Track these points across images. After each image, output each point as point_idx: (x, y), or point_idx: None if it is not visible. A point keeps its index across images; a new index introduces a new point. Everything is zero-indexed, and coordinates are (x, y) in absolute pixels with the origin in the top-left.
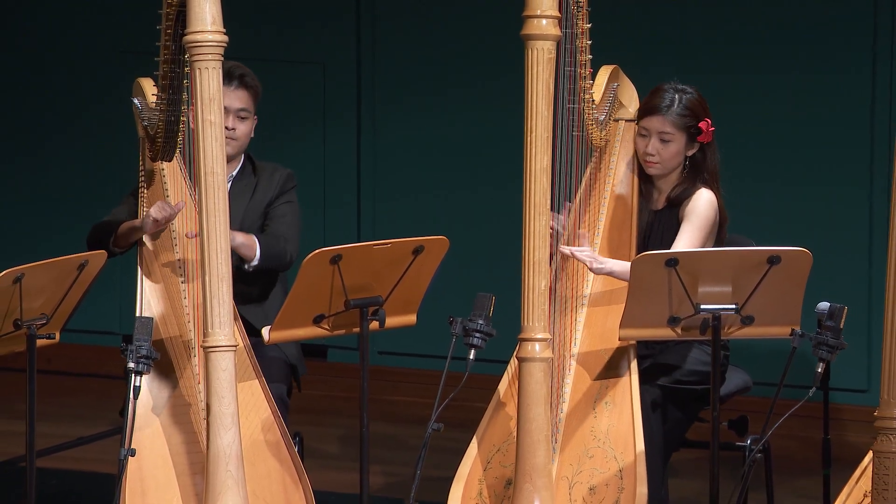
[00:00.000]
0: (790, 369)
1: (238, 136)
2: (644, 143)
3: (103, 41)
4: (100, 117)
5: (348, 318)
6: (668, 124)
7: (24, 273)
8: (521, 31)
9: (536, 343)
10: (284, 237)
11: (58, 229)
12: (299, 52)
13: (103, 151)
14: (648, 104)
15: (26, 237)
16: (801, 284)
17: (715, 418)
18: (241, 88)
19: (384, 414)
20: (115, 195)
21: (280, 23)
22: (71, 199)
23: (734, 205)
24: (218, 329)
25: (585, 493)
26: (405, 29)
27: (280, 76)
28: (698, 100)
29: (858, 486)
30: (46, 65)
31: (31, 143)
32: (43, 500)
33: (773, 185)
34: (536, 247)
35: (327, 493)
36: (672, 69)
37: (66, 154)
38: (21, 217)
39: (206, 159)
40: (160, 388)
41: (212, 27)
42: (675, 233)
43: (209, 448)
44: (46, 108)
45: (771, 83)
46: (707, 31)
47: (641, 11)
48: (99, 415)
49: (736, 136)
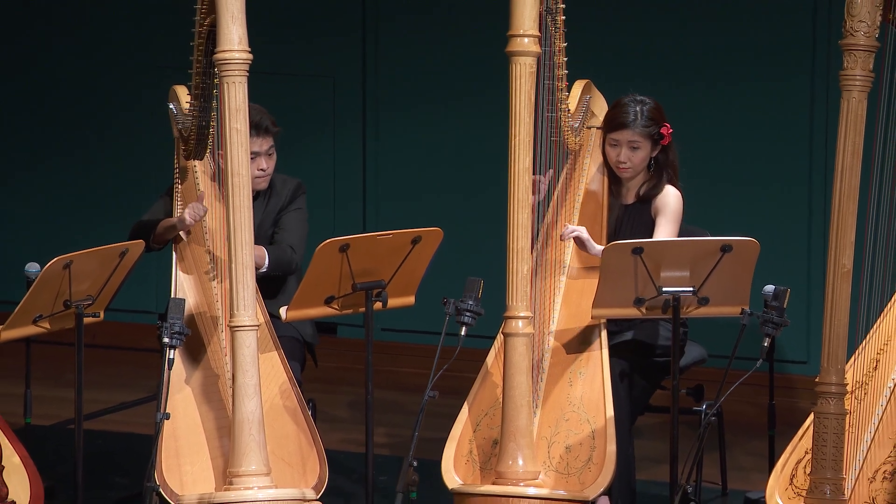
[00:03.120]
0: (740, 344)
1: (268, 172)
2: (615, 152)
3: (143, 56)
4: (139, 123)
5: (355, 299)
6: (636, 134)
7: (72, 260)
8: (506, 49)
9: (519, 320)
10: (292, 247)
11: (101, 221)
12: (312, 68)
13: (141, 153)
14: (615, 119)
15: (74, 228)
16: (750, 269)
17: (675, 386)
18: (267, 135)
19: (387, 383)
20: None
21: (295, 41)
22: (113, 195)
23: (691, 199)
24: (242, 311)
25: (562, 451)
26: (405, 47)
27: (294, 89)
28: (656, 108)
29: (801, 445)
30: (94, 77)
31: (79, 145)
32: (89, 458)
33: (725, 181)
34: (519, 236)
35: (337, 452)
36: (637, 82)
37: (108, 155)
38: (69, 210)
39: (233, 163)
40: (191, 360)
41: (238, 46)
42: (645, 224)
43: (235, 414)
44: (93, 115)
45: (723, 93)
46: (666, 49)
47: (611, 32)
48: (137, 383)
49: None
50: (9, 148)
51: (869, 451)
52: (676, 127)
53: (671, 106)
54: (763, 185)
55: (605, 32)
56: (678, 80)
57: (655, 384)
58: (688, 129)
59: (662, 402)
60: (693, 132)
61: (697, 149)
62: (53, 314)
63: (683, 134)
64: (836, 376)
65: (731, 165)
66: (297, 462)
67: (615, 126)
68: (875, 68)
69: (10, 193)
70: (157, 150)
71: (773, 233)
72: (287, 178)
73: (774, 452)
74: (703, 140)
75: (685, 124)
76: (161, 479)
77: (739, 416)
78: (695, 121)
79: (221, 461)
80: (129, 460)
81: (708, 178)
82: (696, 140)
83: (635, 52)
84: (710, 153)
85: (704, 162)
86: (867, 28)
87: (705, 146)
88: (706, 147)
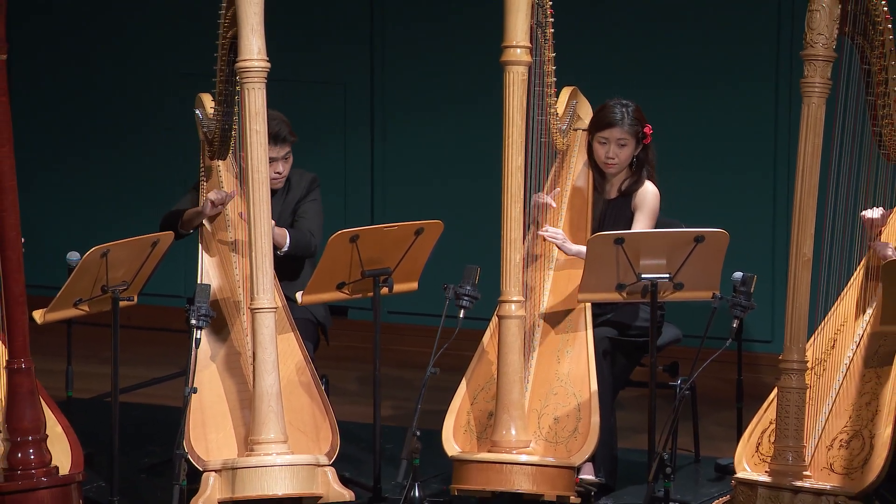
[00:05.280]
0: (711, 325)
1: (284, 174)
2: (604, 149)
3: (171, 65)
4: (168, 125)
5: (364, 285)
6: (623, 132)
7: (109, 249)
8: (501, 58)
9: (512, 304)
10: (311, 231)
11: (134, 213)
12: (324, 75)
13: (170, 152)
14: (605, 118)
15: (110, 220)
16: (720, 258)
17: (653, 363)
18: (284, 143)
19: (392, 360)
20: (179, 187)
21: (309, 51)
22: (145, 190)
23: (668, 193)
24: (262, 294)
25: (551, 422)
26: (409, 57)
27: (309, 94)
28: (638, 109)
29: (765, 416)
30: (128, 83)
31: (114, 145)
32: (125, 427)
33: (699, 177)
34: (512, 228)
35: (348, 422)
36: (619, 88)
37: (140, 154)
38: (106, 204)
39: (253, 160)
40: (216, 340)
41: (257, 56)
42: (627, 217)
43: (255, 388)
44: (127, 118)
45: (696, 98)
46: (645, 59)
47: (595, 44)
48: (168, 360)
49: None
50: (51, 148)
51: (827, 422)
52: (654, 128)
53: (649, 109)
54: (732, 181)
55: (589, 44)
56: (656, 85)
57: (635, 361)
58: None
59: (641, 377)
60: (670, 133)
61: (674, 147)
62: (92, 298)
63: (661, 134)
64: (798, 354)
65: (704, 163)
66: (312, 431)
67: (604, 125)
68: (833, 76)
69: (52, 189)
70: (183, 150)
71: (742, 225)
72: (303, 172)
73: (742, 423)
74: (679, 140)
75: (662, 126)
76: (189, 446)
77: (710, 391)
78: (671, 123)
79: (243, 430)
80: (160, 430)
81: (683, 173)
82: (673, 140)
83: (618, 61)
84: (685, 152)
85: (680, 159)
86: (825, 40)
87: (681, 145)
88: (681, 146)
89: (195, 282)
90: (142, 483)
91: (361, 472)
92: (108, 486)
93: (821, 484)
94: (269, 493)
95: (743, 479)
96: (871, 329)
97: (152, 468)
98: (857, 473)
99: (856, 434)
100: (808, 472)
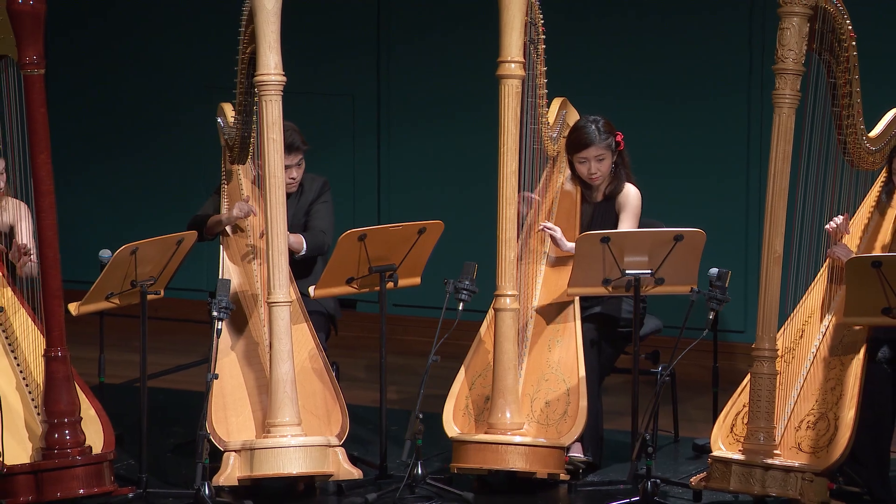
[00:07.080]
0: (690, 316)
1: (297, 180)
2: (585, 167)
3: (196, 77)
4: (192, 132)
5: (371, 280)
6: (599, 148)
7: (138, 247)
8: (496, 72)
9: (507, 298)
10: (323, 231)
11: (161, 214)
12: (334, 87)
13: (194, 157)
14: (580, 140)
15: (138, 220)
16: (698, 255)
17: (636, 352)
18: (298, 152)
19: (397, 349)
20: (202, 190)
21: (320, 65)
22: (171, 193)
23: (649, 194)
24: (278, 289)
25: (542, 406)
26: (413, 70)
27: (320, 104)
28: (607, 122)
29: (739, 400)
30: (155, 95)
31: (142, 150)
32: (152, 410)
33: (677, 179)
34: (507, 228)
35: (357, 406)
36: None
37: (167, 158)
38: (134, 204)
39: (269, 166)
40: (235, 330)
41: (274, 70)
42: (613, 218)
43: (271, 375)
44: (154, 125)
45: (674, 108)
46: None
47: (584, 60)
48: (191, 349)
49: (649, 144)
50: (85, 154)
51: (795, 405)
52: (637, 135)
53: (632, 118)
54: (709, 184)
55: (578, 59)
56: (638, 95)
57: (619, 350)
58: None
59: (625, 364)
60: (651, 140)
61: (655, 154)
62: (122, 292)
63: (643, 142)
64: (769, 343)
65: (682, 167)
66: (324, 414)
67: (581, 146)
68: (802, 88)
69: (85, 190)
70: (206, 155)
71: (718, 225)
72: (315, 176)
73: (718, 406)
74: (660, 147)
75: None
76: (211, 428)
77: (689, 377)
78: (652, 131)
79: (261, 414)
80: (184, 413)
81: (664, 178)
82: (655, 147)
83: (605, 74)
84: (665, 158)
85: (660, 165)
86: (795, 55)
87: (661, 152)
88: (662, 153)
89: (217, 277)
90: (168, 461)
91: (369, 451)
92: (137, 464)
93: (790, 462)
94: (285, 472)
95: (718, 458)
96: (835, 320)
97: (177, 448)
98: (823, 452)
99: (821, 416)
100: (778, 451)
